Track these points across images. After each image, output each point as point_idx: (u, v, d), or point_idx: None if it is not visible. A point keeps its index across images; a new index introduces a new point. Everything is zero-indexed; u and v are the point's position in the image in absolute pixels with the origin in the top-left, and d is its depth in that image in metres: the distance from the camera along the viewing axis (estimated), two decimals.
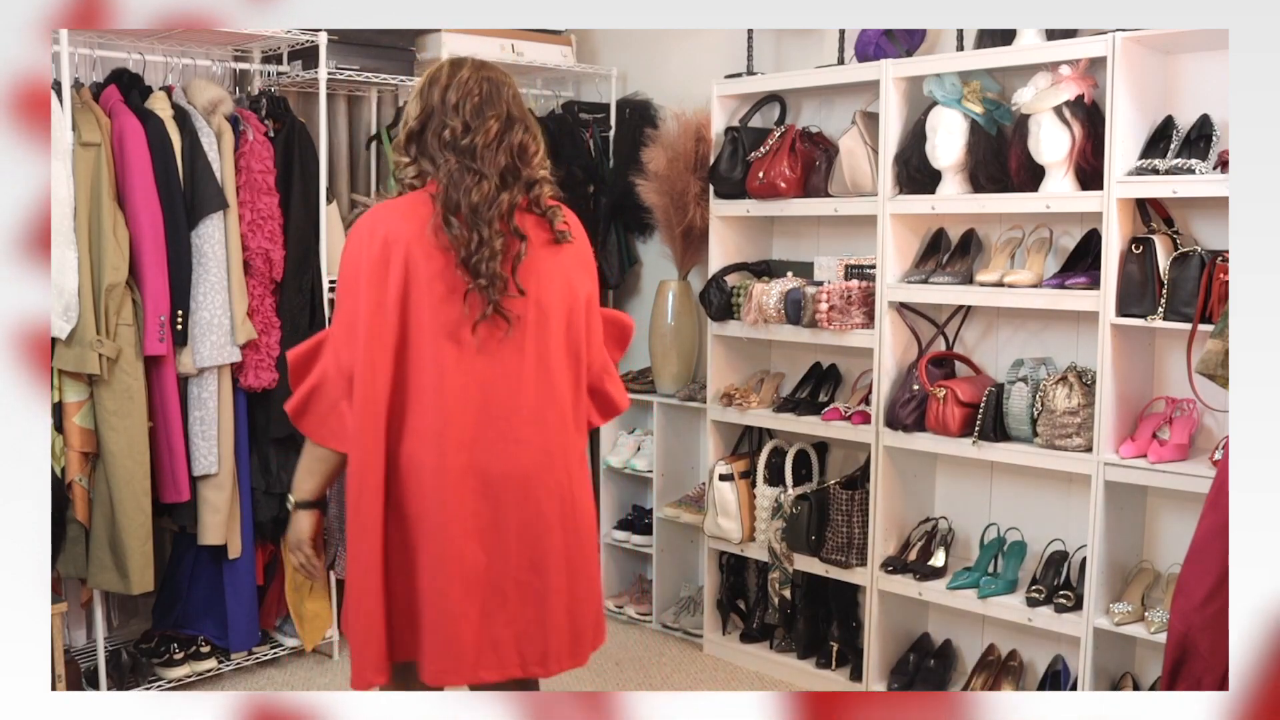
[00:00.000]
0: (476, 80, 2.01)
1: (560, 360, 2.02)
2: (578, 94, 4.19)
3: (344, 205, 3.68)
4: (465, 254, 1.92)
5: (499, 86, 2.02)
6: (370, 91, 3.82)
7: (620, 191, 3.85)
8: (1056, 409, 2.81)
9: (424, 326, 1.94)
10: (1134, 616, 2.73)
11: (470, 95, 1.99)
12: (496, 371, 1.97)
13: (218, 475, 3.10)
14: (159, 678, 3.22)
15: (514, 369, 1.98)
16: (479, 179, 1.95)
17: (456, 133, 1.96)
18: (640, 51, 4.06)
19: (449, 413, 1.95)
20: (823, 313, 3.18)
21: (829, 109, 3.52)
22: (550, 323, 2.01)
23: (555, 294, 2.01)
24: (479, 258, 1.92)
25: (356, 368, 1.95)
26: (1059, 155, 2.77)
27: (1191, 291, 2.58)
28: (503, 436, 1.98)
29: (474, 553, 1.96)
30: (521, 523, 1.99)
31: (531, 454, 1.99)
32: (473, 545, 1.96)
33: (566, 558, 2.03)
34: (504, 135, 1.99)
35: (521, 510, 1.99)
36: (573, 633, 2.06)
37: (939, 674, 3.17)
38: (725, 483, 3.47)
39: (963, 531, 3.27)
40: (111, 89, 3.00)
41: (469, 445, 1.96)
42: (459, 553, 1.95)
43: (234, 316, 3.08)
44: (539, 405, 2.00)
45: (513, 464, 1.98)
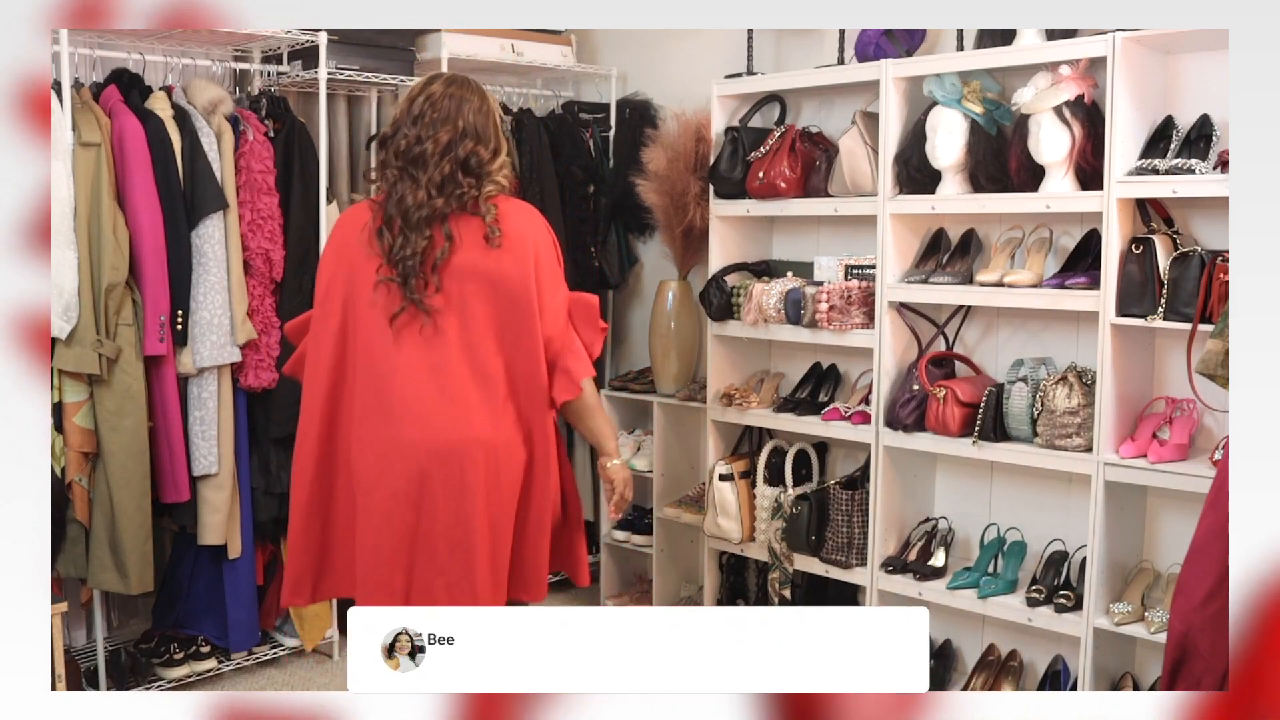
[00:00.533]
0: (444, 94, 2.26)
1: (488, 345, 2.25)
2: (578, 94, 4.19)
3: (344, 205, 3.68)
4: (389, 256, 2.22)
5: (462, 101, 2.26)
6: (370, 91, 3.82)
7: (620, 191, 3.85)
8: (1056, 409, 2.81)
9: (359, 318, 2.26)
10: (1134, 616, 2.73)
11: (434, 108, 2.25)
12: (421, 357, 2.23)
13: (218, 475, 3.10)
14: (159, 678, 3.22)
15: (438, 354, 2.23)
16: (415, 186, 2.22)
17: (410, 142, 2.24)
18: (640, 51, 4.06)
19: (380, 393, 2.25)
20: (823, 313, 3.18)
21: (829, 109, 3.52)
22: (474, 313, 2.23)
23: (480, 288, 2.23)
24: (400, 258, 2.21)
25: (306, 353, 2.34)
26: (1059, 155, 2.77)
27: (1191, 291, 2.58)
28: (428, 412, 2.24)
29: (404, 513, 2.25)
30: (447, 487, 2.23)
31: (455, 427, 2.23)
32: (402, 507, 2.25)
33: (490, 519, 2.25)
34: (452, 146, 2.23)
35: (446, 476, 2.23)
36: (497, 585, 2.29)
37: (939, 674, 3.17)
38: (725, 483, 3.47)
39: (963, 531, 3.27)
40: (111, 89, 3.00)
41: (398, 420, 2.24)
42: (389, 514, 2.25)
43: (234, 316, 3.08)
44: (463, 385, 2.24)
45: (436, 436, 2.23)
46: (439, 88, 2.27)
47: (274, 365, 3.16)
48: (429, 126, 2.23)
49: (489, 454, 2.25)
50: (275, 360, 3.16)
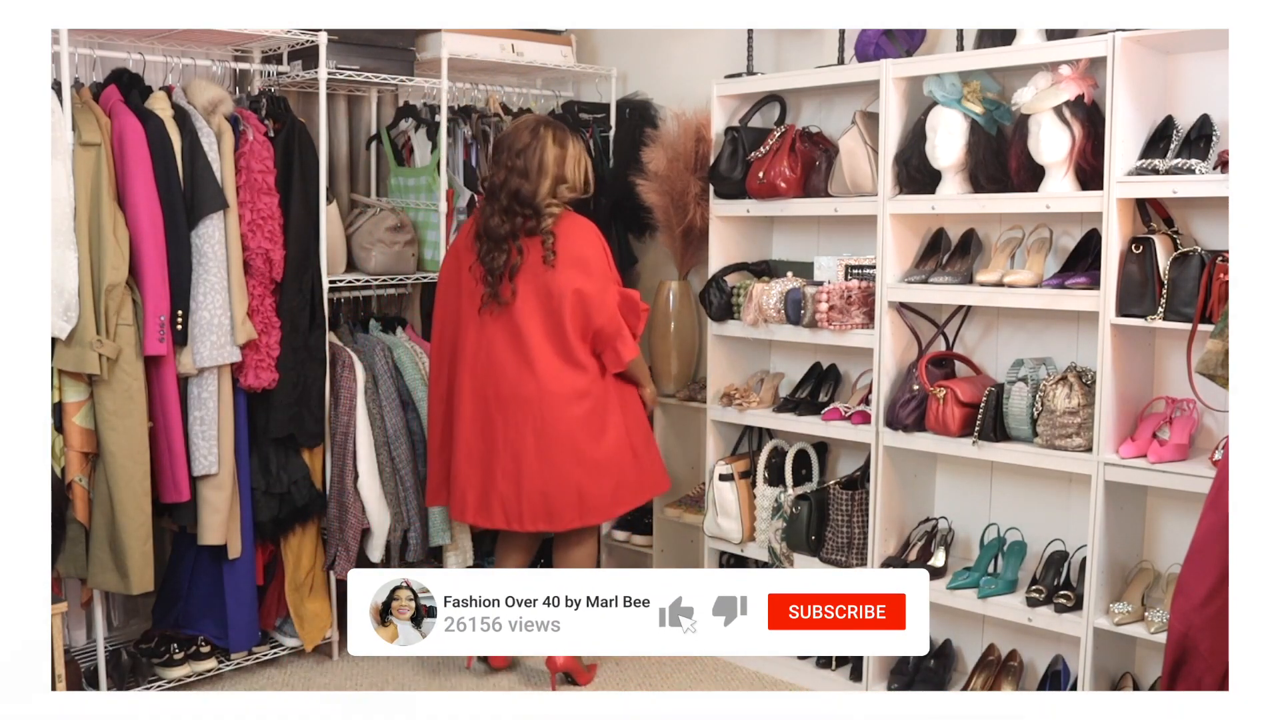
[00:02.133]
0: (511, 133, 3.13)
1: (538, 331, 3.04)
2: (578, 94, 4.19)
3: (344, 205, 3.68)
4: (478, 261, 3.09)
5: (516, 142, 3.09)
6: (370, 91, 3.82)
7: (620, 191, 3.85)
8: (1056, 409, 2.81)
9: (464, 304, 3.13)
10: (1134, 616, 2.73)
11: (506, 149, 3.10)
12: (496, 334, 3.08)
13: (218, 475, 3.10)
14: (159, 678, 3.21)
15: (506, 333, 3.07)
16: (491, 212, 3.08)
17: (487, 176, 3.19)
18: (640, 51, 4.06)
19: (470, 357, 3.11)
20: (823, 313, 3.18)
21: (829, 109, 3.53)
22: (531, 308, 3.04)
23: (536, 291, 3.04)
24: (486, 265, 3.08)
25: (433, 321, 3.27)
26: (1059, 155, 2.77)
27: (1191, 291, 2.58)
28: (496, 374, 3.07)
29: (477, 443, 3.11)
30: (505, 427, 3.07)
31: (512, 385, 3.05)
32: (477, 439, 3.11)
33: (537, 453, 3.05)
34: (507, 181, 3.07)
35: (505, 419, 3.07)
36: (544, 506, 3.06)
37: (939, 674, 3.17)
38: (725, 483, 3.47)
39: (963, 531, 3.27)
40: (111, 89, 3.00)
41: (478, 377, 3.10)
42: (468, 443, 3.12)
43: (234, 316, 3.08)
44: (520, 356, 3.05)
45: (499, 390, 3.07)
46: (510, 127, 3.17)
47: (274, 365, 3.16)
48: (498, 165, 3.10)
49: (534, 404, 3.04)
50: (275, 360, 3.16)
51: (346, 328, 3.62)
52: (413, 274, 3.63)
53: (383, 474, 3.36)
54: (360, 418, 3.33)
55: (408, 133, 3.77)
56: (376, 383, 3.39)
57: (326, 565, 3.40)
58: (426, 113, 3.71)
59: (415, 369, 3.48)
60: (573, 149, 3.12)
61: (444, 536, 3.47)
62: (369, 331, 3.62)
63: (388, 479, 3.37)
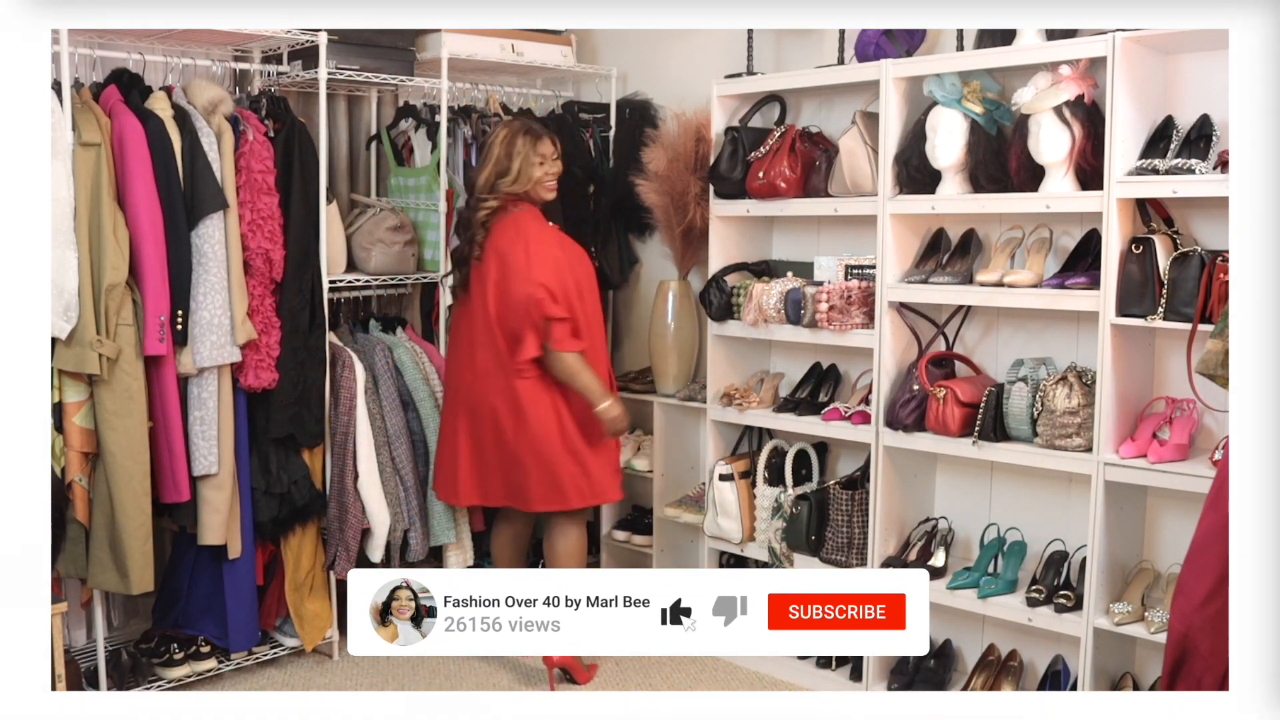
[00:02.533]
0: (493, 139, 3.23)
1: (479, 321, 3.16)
2: (578, 94, 4.19)
3: (344, 205, 3.68)
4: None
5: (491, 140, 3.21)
6: (370, 91, 3.82)
7: (620, 191, 3.85)
8: (1056, 409, 2.81)
9: None
10: (1134, 616, 2.73)
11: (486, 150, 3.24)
12: (461, 320, 3.25)
13: (218, 475, 3.10)
14: (159, 678, 3.21)
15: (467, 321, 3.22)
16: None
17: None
18: (640, 51, 4.06)
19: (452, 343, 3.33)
20: (823, 313, 3.18)
21: (829, 109, 3.53)
22: (480, 301, 3.16)
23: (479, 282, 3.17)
24: (453, 254, 3.32)
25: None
26: (1059, 155, 2.77)
27: (1191, 291, 2.58)
28: (458, 359, 3.25)
29: (445, 422, 3.33)
30: (458, 407, 3.24)
31: (462, 371, 3.22)
32: (446, 417, 3.33)
33: (513, 438, 3.14)
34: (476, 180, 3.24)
35: (459, 401, 3.24)
36: (514, 486, 3.18)
37: (939, 674, 3.17)
38: (725, 483, 3.47)
39: (963, 531, 3.27)
40: (111, 89, 3.00)
41: (452, 362, 3.31)
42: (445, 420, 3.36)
43: (234, 316, 3.08)
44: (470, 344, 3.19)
45: (460, 374, 3.24)
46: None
47: (274, 365, 3.16)
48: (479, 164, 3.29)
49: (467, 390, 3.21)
50: (275, 360, 3.16)
51: (346, 328, 3.62)
52: (413, 274, 3.63)
53: (383, 474, 3.36)
54: (360, 418, 3.33)
55: (408, 133, 3.77)
56: (377, 383, 3.39)
57: (326, 565, 3.40)
58: (426, 113, 3.71)
59: (415, 369, 3.48)
60: (526, 145, 3.13)
61: (448, 535, 3.47)
62: (369, 331, 3.63)
63: (388, 479, 3.37)
